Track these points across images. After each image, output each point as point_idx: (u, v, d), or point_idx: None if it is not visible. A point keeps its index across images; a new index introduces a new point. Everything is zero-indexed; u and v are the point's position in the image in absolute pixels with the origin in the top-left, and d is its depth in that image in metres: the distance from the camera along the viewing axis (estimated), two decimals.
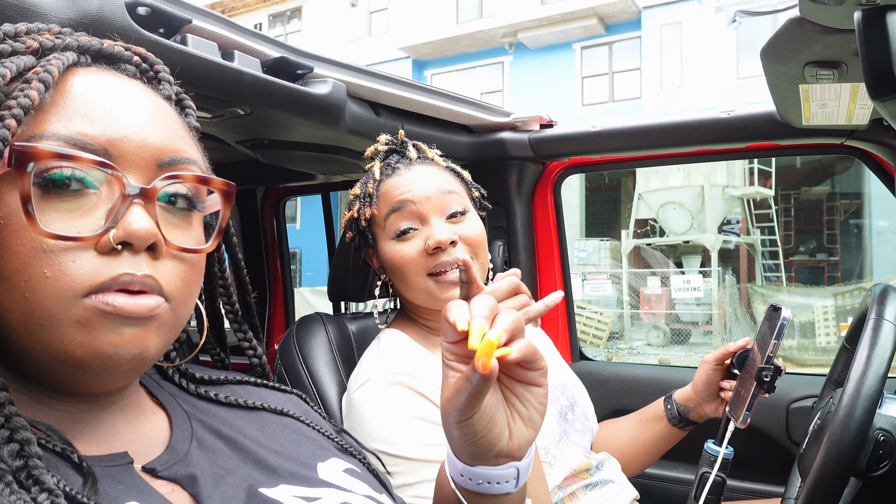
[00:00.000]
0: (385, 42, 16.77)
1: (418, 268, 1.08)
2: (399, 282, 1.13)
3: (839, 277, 13.63)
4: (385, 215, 1.10)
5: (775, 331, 1.04)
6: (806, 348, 9.78)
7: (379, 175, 1.14)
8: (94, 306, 0.49)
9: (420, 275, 1.08)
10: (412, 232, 1.09)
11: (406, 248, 1.09)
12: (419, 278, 1.08)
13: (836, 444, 0.87)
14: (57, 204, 0.50)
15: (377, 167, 1.16)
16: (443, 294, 1.08)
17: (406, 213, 1.09)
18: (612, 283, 11.36)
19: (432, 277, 1.08)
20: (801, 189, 14.67)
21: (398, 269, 1.10)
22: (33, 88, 0.50)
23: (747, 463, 1.61)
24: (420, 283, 1.09)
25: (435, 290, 1.08)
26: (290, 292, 2.49)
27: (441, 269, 1.07)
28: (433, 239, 1.06)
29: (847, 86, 1.08)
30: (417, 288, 1.10)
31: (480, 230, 1.13)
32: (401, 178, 1.12)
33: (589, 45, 14.96)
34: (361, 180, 1.19)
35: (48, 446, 0.50)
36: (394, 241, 1.10)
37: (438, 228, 1.07)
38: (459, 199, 1.12)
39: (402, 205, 1.09)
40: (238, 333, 0.74)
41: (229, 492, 0.56)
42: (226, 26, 1.05)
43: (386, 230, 1.11)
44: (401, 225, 1.09)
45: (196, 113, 0.66)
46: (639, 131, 1.64)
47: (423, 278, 1.08)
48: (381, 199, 1.12)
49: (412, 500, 0.95)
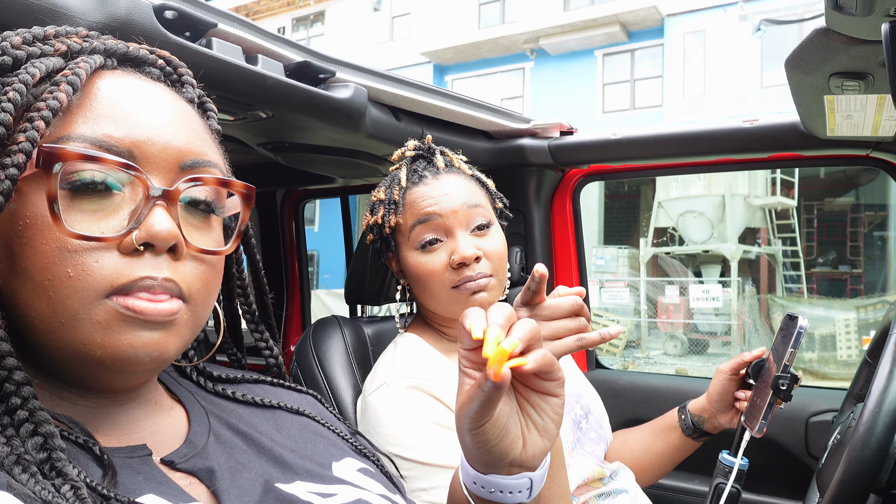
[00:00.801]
0: (407, 46, 16.83)
1: (442, 280, 1.09)
2: (421, 291, 1.14)
3: (862, 290, 13.41)
4: (411, 226, 1.11)
5: (791, 339, 1.03)
6: (827, 361, 9.63)
7: (405, 182, 1.14)
8: (115, 309, 0.50)
9: (444, 287, 1.09)
10: (438, 244, 1.10)
11: (431, 261, 1.10)
12: (443, 290, 1.10)
13: (856, 460, 0.85)
14: (81, 204, 0.51)
15: (404, 173, 1.16)
16: (467, 300, 1.09)
17: (432, 226, 1.10)
18: (629, 292, 11.28)
19: (455, 289, 1.09)
20: (825, 200, 14.46)
21: (421, 280, 1.11)
22: (62, 91, 0.51)
23: (765, 477, 1.59)
24: (443, 294, 1.10)
25: (458, 300, 1.09)
26: (307, 294, 2.50)
27: (464, 282, 1.09)
28: (459, 254, 1.07)
29: (873, 97, 1.06)
30: (440, 299, 1.11)
31: (503, 244, 1.14)
32: (428, 189, 1.12)
33: (611, 52, 14.89)
34: (385, 183, 1.19)
35: (70, 438, 0.51)
36: (418, 252, 1.11)
37: (464, 244, 1.08)
38: (484, 212, 1.13)
39: (429, 217, 1.10)
40: (255, 334, 0.75)
41: (246, 486, 0.57)
42: (250, 30, 1.07)
43: (410, 240, 1.12)
44: (426, 236, 1.10)
45: (218, 115, 0.67)
46: (659, 140, 1.63)
47: (446, 290, 1.10)
48: (407, 207, 1.12)
49: None
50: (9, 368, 0.49)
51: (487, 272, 1.09)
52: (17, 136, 0.50)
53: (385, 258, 1.21)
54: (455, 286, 1.09)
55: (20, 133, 0.50)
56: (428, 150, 1.19)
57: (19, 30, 0.56)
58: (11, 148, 0.49)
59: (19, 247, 0.50)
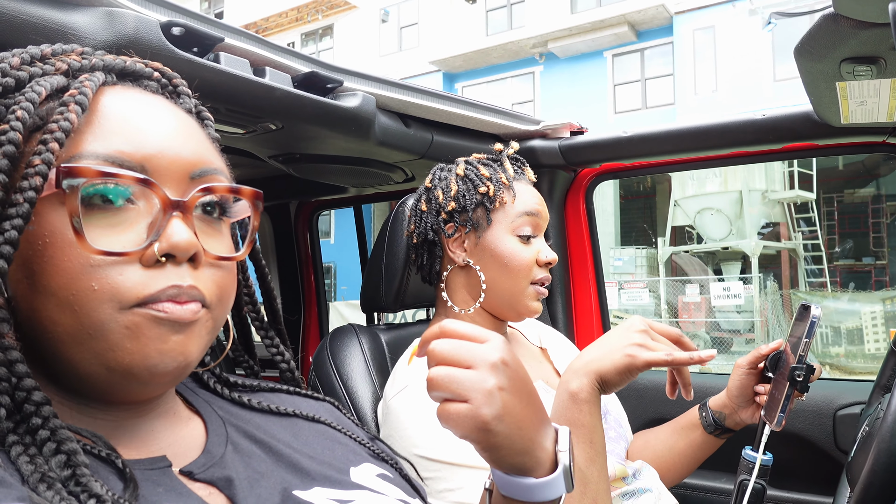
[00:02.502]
0: (416, 56, 16.92)
1: (529, 273, 1.17)
2: (502, 277, 1.17)
3: (887, 282, 13.19)
4: (520, 212, 1.17)
5: (805, 330, 1.01)
6: (854, 355, 9.47)
7: (512, 172, 1.21)
8: (146, 313, 0.51)
9: (528, 279, 1.17)
10: (532, 240, 1.18)
11: (526, 252, 1.17)
12: (525, 282, 1.17)
13: (886, 452, 0.84)
14: (98, 220, 0.52)
15: (507, 164, 1.22)
16: (534, 302, 1.18)
17: (534, 222, 1.19)
18: (649, 292, 11.19)
19: (534, 286, 1.17)
20: (845, 192, 14.26)
21: (511, 266, 1.16)
22: (72, 111, 0.52)
23: (794, 473, 1.56)
24: (523, 285, 1.17)
25: (529, 297, 1.17)
26: (323, 305, 2.51)
27: (542, 282, 1.18)
28: (550, 256, 1.18)
29: (886, 81, 1.04)
30: (518, 288, 1.17)
31: None
32: (529, 190, 1.21)
33: (620, 52, 14.84)
34: (480, 164, 1.22)
35: (93, 452, 0.52)
36: (516, 238, 1.17)
37: (549, 248, 1.20)
38: None
39: (538, 214, 1.19)
40: (265, 340, 0.76)
41: (264, 494, 0.57)
42: (257, 44, 1.08)
43: (513, 226, 1.17)
44: (527, 229, 1.18)
45: (226, 128, 0.67)
46: (671, 135, 1.62)
47: (527, 283, 1.17)
48: (518, 195, 1.19)
49: None
50: (27, 389, 0.49)
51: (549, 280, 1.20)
52: (33, 158, 0.50)
53: (445, 232, 1.20)
54: (534, 282, 1.17)
55: (35, 156, 0.51)
56: (520, 158, 1.28)
57: (15, 50, 0.57)
58: (28, 171, 0.50)
59: (40, 266, 0.51)
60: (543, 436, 0.62)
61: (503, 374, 0.59)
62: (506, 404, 0.58)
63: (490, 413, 0.57)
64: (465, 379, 0.58)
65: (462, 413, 0.58)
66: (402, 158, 1.56)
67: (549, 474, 0.62)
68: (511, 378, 0.60)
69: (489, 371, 0.58)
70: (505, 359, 0.60)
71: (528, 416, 0.60)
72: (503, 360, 0.59)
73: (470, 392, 0.57)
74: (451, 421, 0.58)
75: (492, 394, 0.58)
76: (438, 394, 0.59)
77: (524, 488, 0.61)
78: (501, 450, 0.59)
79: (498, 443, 0.58)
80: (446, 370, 0.59)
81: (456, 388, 0.58)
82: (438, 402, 0.59)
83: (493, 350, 0.60)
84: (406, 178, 1.78)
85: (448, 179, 1.21)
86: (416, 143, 1.48)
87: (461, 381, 0.58)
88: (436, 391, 0.59)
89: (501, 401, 0.58)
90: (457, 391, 0.58)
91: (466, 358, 0.59)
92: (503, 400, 0.58)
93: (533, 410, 0.61)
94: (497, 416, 0.58)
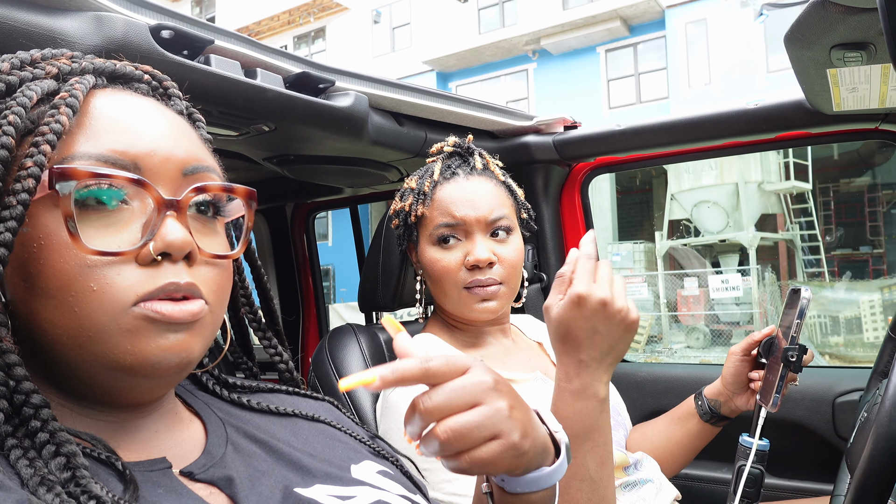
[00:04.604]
0: (409, 56, 16.92)
1: (455, 279, 1.13)
2: (434, 286, 1.18)
3: (885, 270, 13.21)
4: (435, 221, 1.14)
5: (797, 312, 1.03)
6: (853, 344, 9.48)
7: (438, 175, 1.17)
8: (143, 314, 0.51)
9: (456, 286, 1.13)
10: (456, 242, 1.14)
11: (446, 258, 1.13)
12: (454, 289, 1.13)
13: (884, 436, 0.84)
14: (93, 220, 0.52)
15: (438, 166, 1.19)
16: (474, 306, 1.12)
17: (453, 225, 1.14)
18: (647, 286, 11.20)
19: (466, 290, 1.12)
20: (841, 181, 14.28)
21: (435, 275, 1.15)
22: (62, 114, 0.52)
23: (794, 461, 1.57)
24: (454, 293, 1.14)
25: (468, 304, 1.13)
26: (322, 306, 2.51)
27: (475, 285, 1.12)
28: (473, 256, 1.11)
29: (877, 67, 1.05)
30: (451, 297, 1.14)
31: (519, 254, 1.17)
32: (458, 188, 1.15)
33: (613, 47, 14.85)
34: (418, 173, 1.22)
35: (93, 455, 0.52)
36: (435, 247, 1.15)
37: (480, 246, 1.11)
38: (507, 221, 1.16)
39: (453, 217, 1.13)
40: (263, 341, 0.76)
41: (265, 492, 0.57)
42: (247, 45, 1.08)
43: (431, 234, 1.15)
44: (446, 234, 1.14)
45: (218, 130, 0.68)
46: (664, 127, 1.62)
47: (457, 290, 1.13)
48: (435, 203, 1.15)
49: (451, 497, 0.95)
50: (25, 392, 0.50)
51: (498, 279, 1.12)
52: (25, 161, 0.51)
53: (405, 247, 1.24)
54: (467, 287, 1.12)
55: (27, 158, 0.51)
56: (467, 150, 1.22)
57: (4, 56, 0.57)
58: (20, 174, 0.50)
59: (37, 268, 0.51)
60: (539, 426, 0.63)
61: (503, 391, 0.56)
62: (521, 420, 0.56)
63: (518, 436, 0.55)
64: (484, 417, 0.54)
65: (497, 451, 0.54)
66: (397, 157, 1.56)
67: (555, 457, 0.62)
68: (507, 391, 0.57)
69: (496, 397, 0.55)
70: (494, 377, 0.56)
71: (529, 417, 0.59)
72: (496, 380, 0.56)
73: (494, 428, 0.54)
74: (490, 465, 0.54)
75: (511, 418, 0.55)
76: (460, 445, 0.53)
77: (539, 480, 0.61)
78: (532, 461, 0.58)
79: (529, 458, 0.57)
80: (459, 420, 0.53)
81: (479, 432, 0.53)
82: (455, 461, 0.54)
83: (484, 374, 0.56)
84: (401, 176, 1.78)
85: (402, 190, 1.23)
86: (410, 141, 1.48)
87: (480, 422, 0.53)
88: (455, 445, 0.53)
89: (518, 418, 0.56)
90: (484, 435, 0.53)
91: (467, 399, 0.54)
92: (518, 416, 0.56)
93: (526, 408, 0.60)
94: (524, 435, 0.56)
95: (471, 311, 1.14)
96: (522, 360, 1.22)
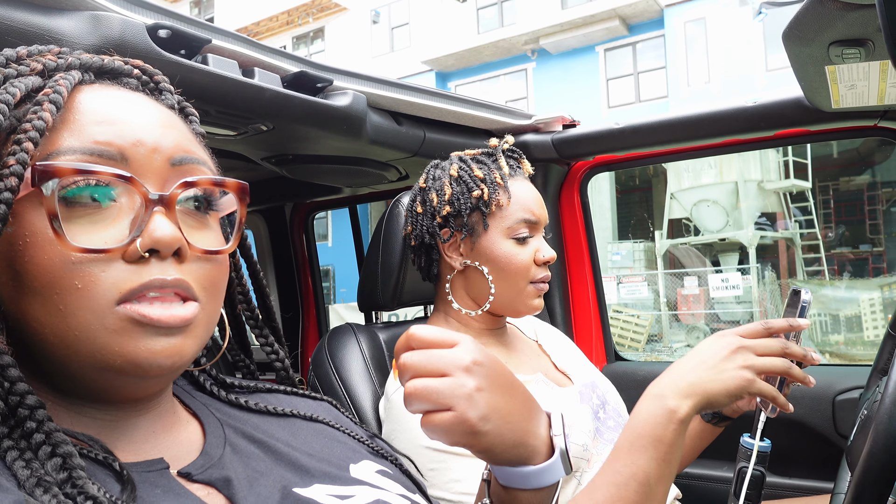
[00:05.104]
0: (408, 56, 16.90)
1: (527, 274, 1.16)
2: (499, 278, 1.16)
3: (885, 268, 13.21)
4: (516, 216, 1.16)
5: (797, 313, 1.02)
6: (854, 343, 9.48)
7: (508, 171, 1.18)
8: (129, 315, 0.50)
9: (526, 280, 1.16)
10: (529, 240, 1.17)
11: (523, 253, 1.16)
12: (524, 282, 1.16)
13: (884, 433, 0.83)
14: (79, 217, 0.51)
15: (503, 161, 1.19)
16: (534, 301, 1.18)
17: (530, 223, 1.17)
18: (647, 286, 11.20)
19: (534, 284, 1.17)
20: (840, 180, 14.28)
21: (511, 269, 1.15)
22: (46, 110, 0.51)
23: (795, 459, 1.56)
24: (523, 286, 1.16)
25: (531, 296, 1.17)
26: (322, 306, 2.51)
27: (542, 281, 1.18)
28: (548, 255, 1.17)
29: (876, 64, 1.04)
30: (517, 289, 1.16)
31: None
32: (527, 187, 1.19)
33: (612, 46, 14.84)
34: (474, 162, 1.19)
35: (90, 455, 0.51)
36: (511, 241, 1.16)
37: (547, 246, 1.18)
38: None
39: (534, 215, 1.17)
40: (259, 339, 0.75)
41: (264, 493, 0.57)
42: (245, 44, 1.07)
43: (508, 228, 1.15)
44: (524, 231, 1.16)
45: (216, 130, 0.67)
46: (663, 125, 1.62)
47: (527, 283, 1.16)
48: (514, 196, 1.16)
49: (459, 496, 0.95)
50: (20, 393, 0.49)
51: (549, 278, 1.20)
52: (7, 159, 0.50)
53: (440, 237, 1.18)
54: (534, 282, 1.17)
55: (10, 156, 0.50)
56: (516, 152, 1.24)
57: None
58: (3, 172, 0.49)
59: (22, 265, 0.50)
60: (535, 424, 0.63)
61: (478, 374, 0.60)
62: (488, 403, 0.59)
63: (475, 415, 0.58)
64: (444, 387, 0.58)
65: (448, 421, 0.58)
66: (395, 156, 1.55)
67: (546, 460, 0.62)
68: (487, 376, 0.60)
69: (464, 375, 0.59)
70: (476, 359, 0.60)
71: (513, 408, 0.61)
72: (475, 361, 0.60)
73: (451, 399, 0.58)
74: (439, 431, 0.59)
75: (472, 396, 0.59)
76: (419, 406, 0.59)
77: (522, 477, 0.62)
78: (495, 448, 0.60)
79: (489, 441, 0.59)
80: (423, 382, 0.59)
81: (436, 398, 0.58)
82: (420, 415, 0.60)
83: (464, 353, 0.60)
84: (400, 176, 1.78)
85: (442, 181, 1.18)
86: (409, 140, 1.48)
87: (440, 390, 0.58)
88: (415, 404, 0.59)
89: (483, 401, 0.59)
90: (437, 401, 0.58)
91: (439, 366, 0.59)
92: (485, 400, 0.59)
93: (518, 401, 0.62)
94: (483, 417, 0.58)
95: (528, 306, 1.18)
96: (524, 361, 1.22)
